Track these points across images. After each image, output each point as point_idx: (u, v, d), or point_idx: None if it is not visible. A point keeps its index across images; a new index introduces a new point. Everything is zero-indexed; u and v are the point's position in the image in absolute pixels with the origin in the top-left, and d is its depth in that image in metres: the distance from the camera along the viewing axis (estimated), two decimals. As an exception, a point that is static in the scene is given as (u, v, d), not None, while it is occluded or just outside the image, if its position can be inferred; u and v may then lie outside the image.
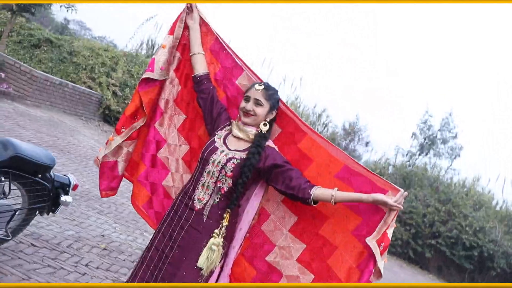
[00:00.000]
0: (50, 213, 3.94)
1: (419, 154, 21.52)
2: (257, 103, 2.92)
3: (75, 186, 3.98)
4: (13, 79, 11.57)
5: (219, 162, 2.85)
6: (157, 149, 3.31)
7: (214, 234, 2.83)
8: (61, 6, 13.46)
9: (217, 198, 2.86)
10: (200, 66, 3.17)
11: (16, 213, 3.75)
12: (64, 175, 3.97)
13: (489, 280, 16.00)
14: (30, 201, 3.80)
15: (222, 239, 2.84)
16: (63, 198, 3.84)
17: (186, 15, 3.27)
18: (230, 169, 2.83)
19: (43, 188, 3.75)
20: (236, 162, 2.84)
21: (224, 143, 2.94)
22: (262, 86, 2.95)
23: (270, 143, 2.95)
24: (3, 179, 3.47)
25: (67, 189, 3.90)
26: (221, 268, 2.93)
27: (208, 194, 2.87)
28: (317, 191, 2.75)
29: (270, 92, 2.96)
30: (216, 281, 2.92)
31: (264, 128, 2.94)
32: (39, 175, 3.72)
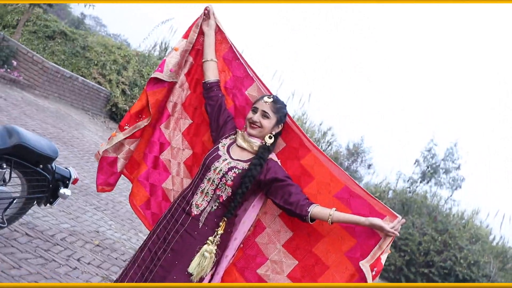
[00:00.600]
0: (48, 205, 3.95)
1: (421, 182, 21.46)
2: (264, 115, 2.93)
3: (75, 180, 3.99)
4: (25, 68, 11.63)
5: (221, 170, 2.86)
6: (160, 151, 3.31)
7: (208, 241, 2.83)
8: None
9: (215, 205, 2.86)
10: (212, 73, 3.19)
11: (14, 201, 3.76)
12: (65, 168, 3.98)
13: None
14: (29, 190, 3.81)
15: (216, 247, 2.84)
16: (62, 190, 3.85)
17: (203, 21, 3.28)
18: (230, 178, 2.83)
19: (43, 178, 3.75)
20: (237, 172, 2.85)
21: (228, 151, 2.95)
22: (271, 99, 2.96)
23: (273, 156, 2.96)
24: (4, 166, 3.48)
25: (67, 182, 3.91)
26: (212, 276, 2.93)
27: (207, 201, 2.87)
28: (315, 209, 2.75)
29: (278, 106, 2.97)
30: (206, 288, 2.92)
31: (269, 141, 2.95)
32: (41, 166, 3.73)
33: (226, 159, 2.90)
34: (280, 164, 2.95)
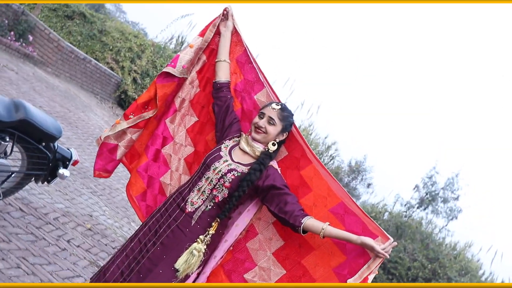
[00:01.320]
0: (45, 183, 3.97)
1: (418, 208, 21.42)
2: (270, 121, 2.93)
3: (75, 162, 4.00)
4: (40, 44, 11.67)
5: (220, 170, 2.86)
6: (163, 145, 3.32)
7: (198, 240, 2.84)
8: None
9: (210, 205, 2.87)
10: (223, 74, 3.20)
11: (12, 175, 3.78)
12: (67, 149, 3.99)
13: None
14: (29, 166, 3.83)
15: (205, 246, 2.85)
16: (61, 171, 3.86)
17: (221, 21, 3.30)
18: (229, 180, 2.84)
19: (44, 156, 3.77)
20: (236, 174, 2.85)
21: (229, 153, 2.96)
22: (279, 106, 2.97)
23: (274, 163, 2.97)
24: (7, 139, 3.50)
25: (67, 163, 3.93)
26: (198, 274, 2.93)
27: (202, 199, 2.88)
28: (309, 221, 2.76)
29: (285, 114, 2.97)
30: (191, 286, 2.92)
31: (272, 148, 2.96)
32: (43, 143, 3.75)
33: (227, 161, 2.91)
34: (280, 172, 2.96)
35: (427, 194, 21.84)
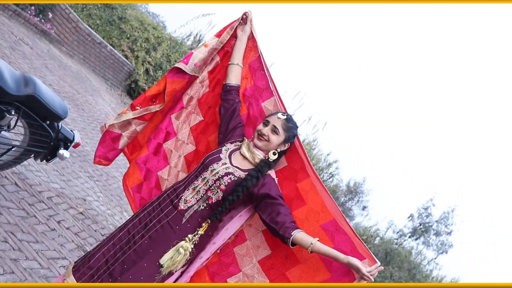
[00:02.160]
0: (44, 161, 3.97)
1: (409, 237, 21.39)
2: (274, 130, 2.94)
3: (77, 144, 4.00)
4: (59, 23, 11.72)
5: (217, 172, 2.87)
6: (165, 140, 3.33)
7: (186, 238, 2.84)
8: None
9: (203, 205, 2.87)
10: (234, 77, 3.21)
11: (13, 149, 3.78)
12: (71, 130, 4.00)
13: None
14: (30, 142, 3.83)
15: (192, 246, 2.85)
16: (62, 151, 3.86)
17: (239, 24, 3.31)
18: (224, 183, 2.85)
19: (46, 135, 3.77)
20: (232, 179, 2.86)
21: (229, 157, 2.96)
22: (285, 116, 2.98)
23: (272, 173, 2.97)
24: (13, 112, 3.50)
25: (69, 144, 3.93)
26: (181, 273, 2.93)
27: (196, 199, 2.88)
28: (298, 235, 2.76)
29: (290, 125, 2.98)
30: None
31: (272, 157, 2.96)
32: (48, 122, 3.75)
33: (225, 164, 2.91)
34: (276, 182, 2.96)
35: (420, 224, 21.80)
